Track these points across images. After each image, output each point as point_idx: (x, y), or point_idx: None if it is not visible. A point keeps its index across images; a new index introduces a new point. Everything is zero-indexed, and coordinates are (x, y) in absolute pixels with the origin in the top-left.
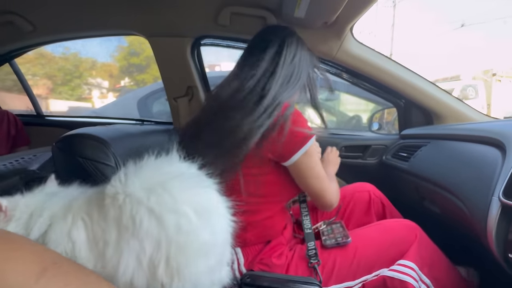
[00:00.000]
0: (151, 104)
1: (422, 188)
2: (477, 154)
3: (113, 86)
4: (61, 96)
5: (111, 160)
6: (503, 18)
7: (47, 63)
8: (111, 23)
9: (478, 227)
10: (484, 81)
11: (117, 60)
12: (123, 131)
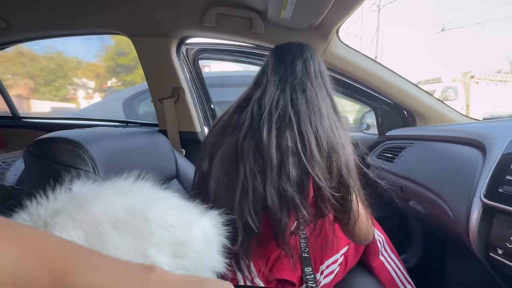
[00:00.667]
0: (137, 105)
1: (406, 189)
2: (459, 155)
3: (100, 87)
4: (44, 96)
5: (88, 165)
6: (481, 23)
7: (29, 62)
8: (92, 22)
9: (460, 227)
10: (463, 83)
11: (104, 60)
12: (103, 134)
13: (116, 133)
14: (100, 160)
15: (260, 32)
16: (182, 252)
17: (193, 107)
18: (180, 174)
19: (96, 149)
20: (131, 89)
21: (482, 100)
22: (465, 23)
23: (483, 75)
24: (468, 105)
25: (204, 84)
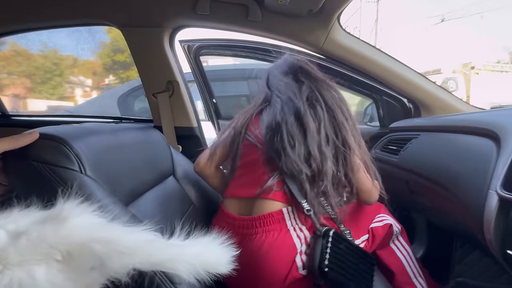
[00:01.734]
0: (132, 101)
1: (412, 183)
2: (470, 146)
3: (97, 84)
4: (41, 95)
5: (74, 163)
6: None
7: (24, 61)
8: (78, 13)
9: (473, 222)
10: (464, 74)
11: (100, 57)
12: (91, 130)
13: (106, 128)
14: (87, 157)
15: (257, 19)
16: None
17: (189, 101)
18: (176, 171)
19: (82, 146)
20: (125, 86)
21: (483, 91)
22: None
23: (483, 65)
24: (469, 96)
25: (206, 79)
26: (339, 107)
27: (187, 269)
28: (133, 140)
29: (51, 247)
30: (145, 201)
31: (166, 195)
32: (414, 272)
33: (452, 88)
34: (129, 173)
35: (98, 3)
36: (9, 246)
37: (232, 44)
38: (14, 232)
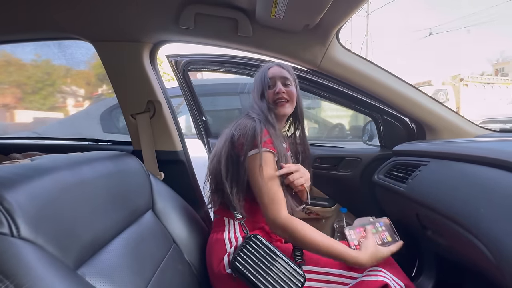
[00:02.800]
0: (116, 117)
1: (424, 217)
2: (494, 182)
3: (90, 94)
4: (32, 105)
5: (2, 224)
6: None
7: (15, 71)
8: (45, 25)
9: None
10: (453, 86)
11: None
12: (42, 168)
13: (66, 162)
14: (25, 211)
15: (248, 35)
16: None
17: (172, 122)
18: (156, 204)
19: (19, 197)
20: (101, 104)
21: (472, 102)
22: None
23: (471, 78)
24: (459, 107)
25: (195, 95)
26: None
27: None
28: (100, 173)
29: None
30: (109, 252)
31: (141, 238)
32: None
33: (442, 99)
34: (91, 219)
35: (67, 15)
36: None
37: (223, 59)
38: None
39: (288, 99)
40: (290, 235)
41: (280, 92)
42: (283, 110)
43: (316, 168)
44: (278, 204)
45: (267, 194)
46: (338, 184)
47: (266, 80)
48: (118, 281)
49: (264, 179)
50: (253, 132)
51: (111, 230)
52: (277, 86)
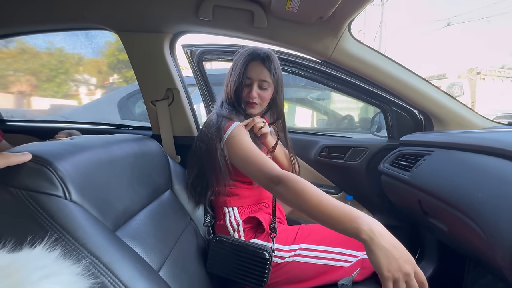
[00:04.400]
0: (133, 105)
1: (426, 203)
2: (492, 169)
3: (102, 83)
4: (46, 93)
5: (57, 188)
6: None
7: (30, 58)
8: (74, 16)
9: (501, 258)
10: (469, 80)
11: (106, 56)
12: (81, 145)
13: (99, 142)
14: (73, 179)
15: (263, 26)
16: None
17: (189, 109)
18: (174, 184)
19: (68, 166)
20: (122, 90)
21: (488, 97)
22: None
23: (489, 71)
24: (474, 101)
25: (209, 85)
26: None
27: None
28: (127, 153)
29: None
30: (138, 221)
31: (162, 212)
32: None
33: (457, 93)
34: (121, 192)
35: (94, 6)
36: None
37: (236, 49)
38: None
39: (258, 102)
40: (291, 187)
41: (252, 98)
42: (251, 110)
43: (324, 157)
44: (268, 163)
45: (254, 161)
46: (344, 172)
47: (244, 75)
48: (147, 246)
49: (245, 150)
50: (220, 123)
51: (138, 203)
52: (252, 88)
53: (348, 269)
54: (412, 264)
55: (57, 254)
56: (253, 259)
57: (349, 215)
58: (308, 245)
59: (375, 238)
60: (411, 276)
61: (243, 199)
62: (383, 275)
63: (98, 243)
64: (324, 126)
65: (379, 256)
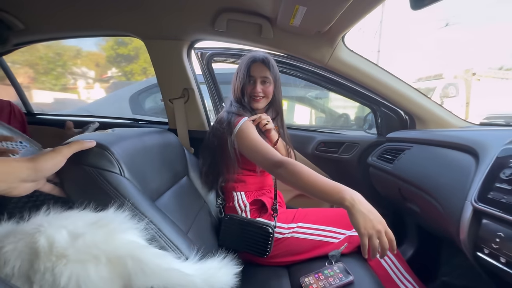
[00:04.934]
0: (143, 100)
1: (404, 189)
2: (454, 160)
3: (100, 76)
4: (44, 85)
5: (115, 167)
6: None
7: (27, 50)
8: (107, 24)
9: (452, 227)
10: (465, 80)
11: (104, 50)
12: (123, 136)
13: (133, 133)
14: (124, 161)
15: (269, 37)
16: None
17: (202, 107)
18: (190, 172)
19: (120, 151)
20: (137, 85)
21: (483, 98)
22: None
23: (485, 72)
24: (468, 102)
25: (216, 84)
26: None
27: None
28: (154, 144)
29: (100, 251)
30: (167, 198)
31: (183, 194)
32: (400, 278)
33: (452, 94)
34: (153, 174)
35: (126, 17)
36: (70, 245)
37: (242, 53)
38: (73, 233)
39: (263, 95)
40: (290, 169)
41: (257, 93)
42: (257, 105)
43: (320, 151)
44: (271, 151)
45: (260, 149)
46: (338, 165)
47: (248, 74)
48: (175, 217)
49: (252, 140)
50: (230, 119)
51: (165, 184)
52: (256, 84)
53: (337, 244)
54: (383, 225)
55: (126, 214)
56: (258, 232)
57: (336, 188)
58: (304, 224)
59: (355, 204)
60: (382, 233)
61: (248, 185)
62: (360, 232)
63: (147, 208)
64: (322, 123)
65: (358, 218)
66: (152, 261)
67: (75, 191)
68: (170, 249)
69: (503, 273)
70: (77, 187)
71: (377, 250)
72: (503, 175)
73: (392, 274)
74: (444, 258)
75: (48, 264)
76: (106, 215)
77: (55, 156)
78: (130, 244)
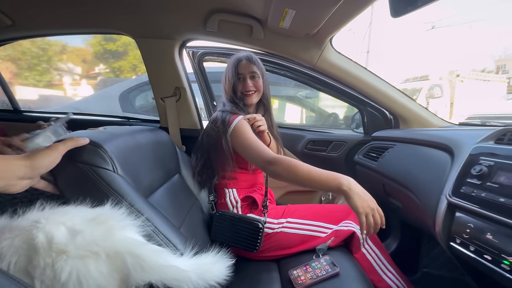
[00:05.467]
0: (134, 98)
1: (387, 186)
2: (432, 158)
3: (87, 73)
4: (27, 81)
5: (108, 164)
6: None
7: (9, 44)
8: (97, 22)
9: (429, 220)
10: (449, 81)
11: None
12: (115, 133)
13: (125, 131)
14: (117, 158)
15: (260, 38)
16: None
17: (193, 105)
18: (181, 170)
19: (112, 148)
20: (127, 82)
21: (466, 99)
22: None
23: (468, 74)
24: (452, 103)
25: (208, 83)
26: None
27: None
28: (147, 141)
29: (99, 247)
30: (159, 195)
31: (175, 191)
32: (383, 270)
33: (437, 94)
34: (146, 171)
35: (117, 15)
36: (70, 242)
37: (233, 53)
38: (72, 229)
39: (255, 90)
40: (285, 165)
41: (248, 87)
42: (250, 100)
43: (309, 150)
44: (265, 149)
45: (254, 148)
46: (326, 163)
47: (237, 73)
48: (167, 213)
49: (247, 139)
50: (224, 118)
51: (157, 181)
52: (246, 80)
53: (325, 238)
54: (375, 204)
55: (123, 211)
56: (249, 228)
57: (332, 176)
58: (293, 219)
59: (352, 188)
60: (375, 211)
61: (240, 182)
62: (358, 211)
63: (141, 204)
64: (312, 122)
65: (355, 199)
66: (150, 257)
67: (68, 188)
68: (164, 244)
69: (473, 261)
70: (71, 184)
71: (372, 226)
72: (474, 171)
73: (375, 265)
74: (425, 251)
75: (48, 260)
76: (103, 211)
77: (51, 153)
78: (129, 240)
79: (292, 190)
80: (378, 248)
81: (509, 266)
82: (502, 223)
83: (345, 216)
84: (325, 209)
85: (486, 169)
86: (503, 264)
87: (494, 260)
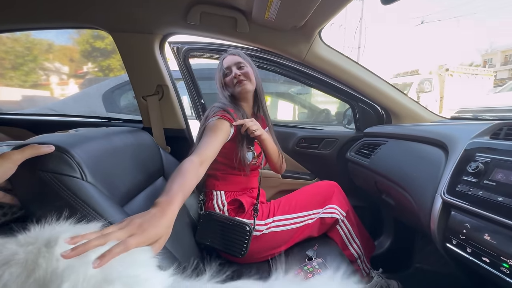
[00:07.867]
0: (118, 98)
1: (380, 183)
2: (425, 154)
3: (75, 72)
4: (12, 82)
5: (75, 171)
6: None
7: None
8: (68, 16)
9: (424, 219)
10: (439, 75)
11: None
12: (87, 136)
13: (100, 134)
14: (86, 164)
15: (245, 31)
16: None
17: (177, 104)
18: (166, 172)
19: (81, 154)
20: (109, 81)
21: (455, 92)
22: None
23: (456, 68)
24: (442, 96)
25: (194, 80)
26: None
27: None
28: (124, 143)
29: None
30: (138, 202)
31: (157, 195)
32: (350, 241)
33: (427, 89)
34: (123, 176)
35: (89, 8)
36: None
37: (220, 48)
38: None
39: (245, 78)
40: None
41: (236, 76)
42: (244, 88)
43: (300, 147)
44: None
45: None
46: (318, 160)
47: (223, 70)
48: None
49: (207, 135)
50: (209, 113)
51: (137, 187)
52: (232, 71)
53: (312, 224)
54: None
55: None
56: (236, 230)
57: None
58: (279, 217)
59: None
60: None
61: (231, 185)
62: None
63: (113, 215)
64: (304, 119)
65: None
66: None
67: (29, 199)
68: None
69: (470, 262)
70: (32, 194)
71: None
72: (469, 168)
73: (345, 238)
74: (418, 247)
75: None
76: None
77: (3, 163)
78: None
79: (284, 189)
80: (350, 225)
81: (508, 269)
82: (500, 223)
83: (328, 198)
84: (307, 194)
85: (483, 166)
86: (503, 267)
87: (493, 263)
